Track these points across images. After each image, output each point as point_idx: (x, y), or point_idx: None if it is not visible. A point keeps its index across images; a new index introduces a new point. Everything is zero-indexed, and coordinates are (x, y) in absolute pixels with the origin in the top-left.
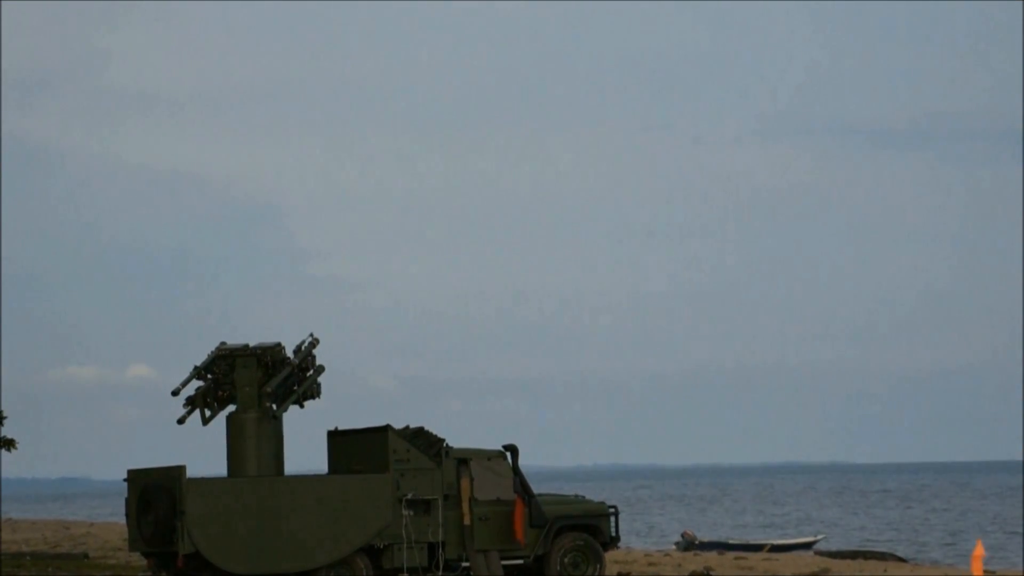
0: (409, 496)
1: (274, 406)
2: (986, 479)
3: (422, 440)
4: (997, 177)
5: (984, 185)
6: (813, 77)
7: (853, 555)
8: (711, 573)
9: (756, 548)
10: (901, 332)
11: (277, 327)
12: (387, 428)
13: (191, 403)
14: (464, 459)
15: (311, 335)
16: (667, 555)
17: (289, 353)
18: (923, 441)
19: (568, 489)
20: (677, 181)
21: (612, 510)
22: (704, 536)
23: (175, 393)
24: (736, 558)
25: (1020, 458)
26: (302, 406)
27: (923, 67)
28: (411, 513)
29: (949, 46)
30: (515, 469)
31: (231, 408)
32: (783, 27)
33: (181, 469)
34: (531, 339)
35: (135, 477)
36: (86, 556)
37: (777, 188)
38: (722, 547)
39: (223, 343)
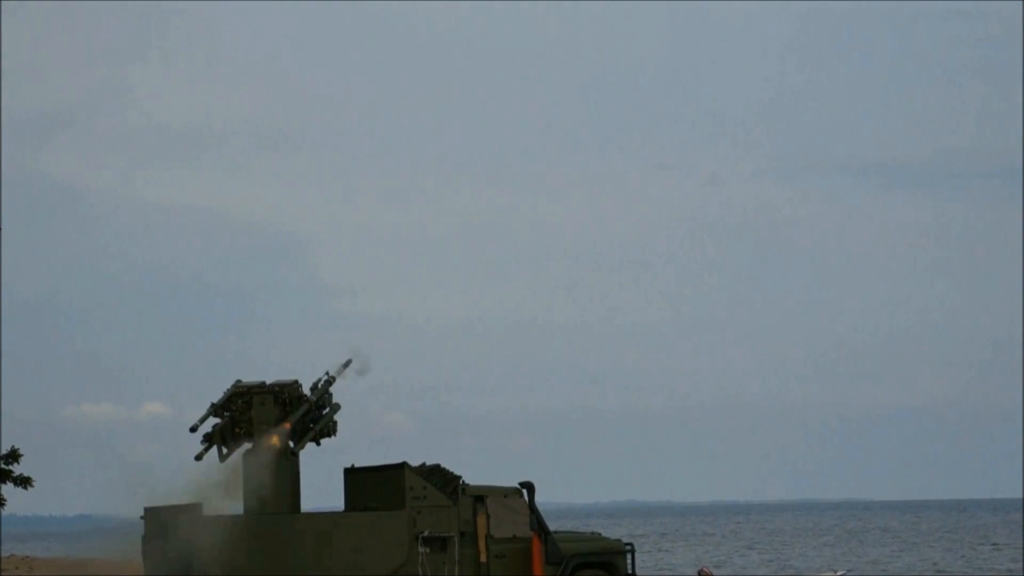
0: (425, 533)
1: (291, 443)
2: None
3: (438, 477)
4: (1003, 212)
5: (988, 221)
6: (823, 115)
7: None
8: None
9: None
10: (920, 366)
11: (294, 363)
12: (403, 465)
13: (208, 440)
14: (480, 496)
15: (327, 372)
16: None
17: (306, 390)
18: (948, 477)
19: (584, 526)
20: (689, 218)
21: (628, 547)
22: (721, 574)
23: (193, 430)
24: None
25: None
26: (319, 444)
27: (937, 105)
28: (427, 550)
29: (964, 84)
30: (531, 506)
31: (248, 445)
32: (794, 67)
33: (198, 506)
34: (547, 375)
35: (152, 514)
36: None
37: (789, 224)
38: None
39: (239, 380)
